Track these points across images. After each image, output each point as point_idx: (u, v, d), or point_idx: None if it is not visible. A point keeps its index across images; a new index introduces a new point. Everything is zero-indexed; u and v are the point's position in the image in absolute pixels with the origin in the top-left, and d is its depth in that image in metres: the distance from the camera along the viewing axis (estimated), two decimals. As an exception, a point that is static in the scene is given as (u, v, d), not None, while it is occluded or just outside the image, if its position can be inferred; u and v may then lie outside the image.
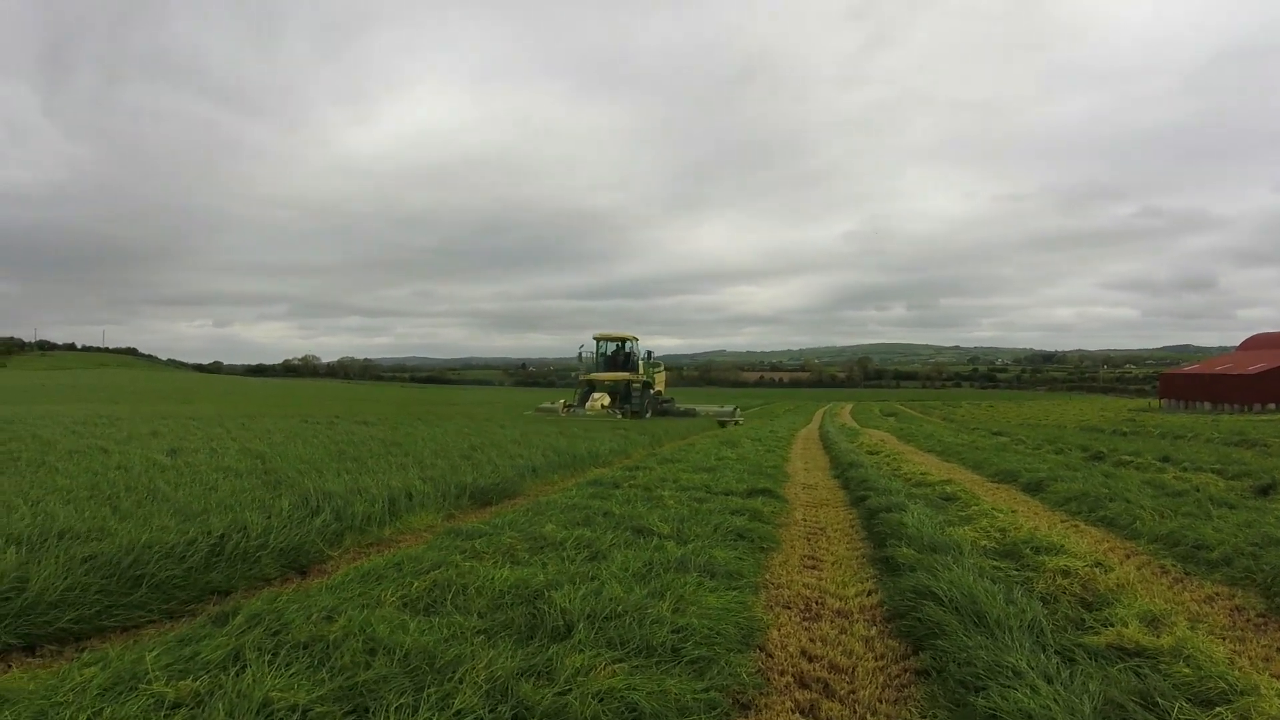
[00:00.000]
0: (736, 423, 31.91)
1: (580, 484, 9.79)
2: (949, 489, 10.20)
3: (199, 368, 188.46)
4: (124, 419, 19.59)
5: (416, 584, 4.77)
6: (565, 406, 31.57)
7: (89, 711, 3.13)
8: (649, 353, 35.40)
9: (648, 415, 31.43)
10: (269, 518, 6.29)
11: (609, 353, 34.51)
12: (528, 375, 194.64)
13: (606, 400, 31.53)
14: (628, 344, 34.54)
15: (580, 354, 35.06)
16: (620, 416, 29.25)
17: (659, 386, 35.94)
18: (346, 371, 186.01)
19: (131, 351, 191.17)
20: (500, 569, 5.14)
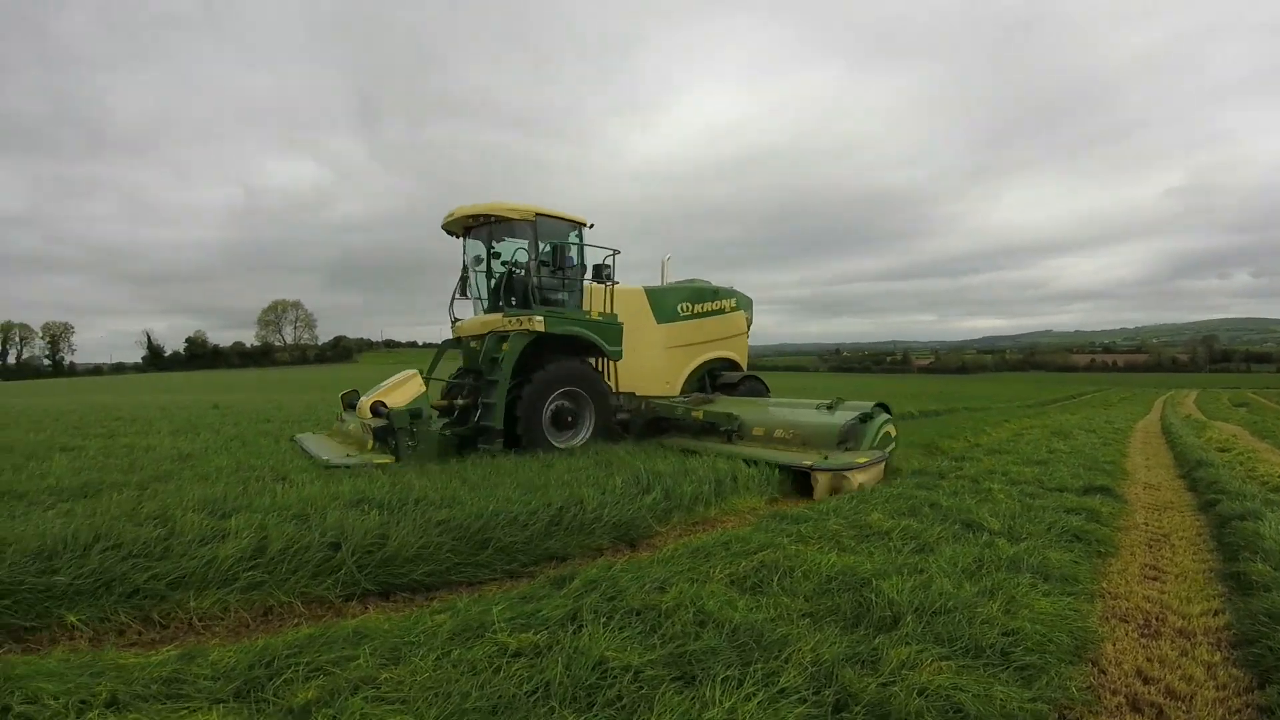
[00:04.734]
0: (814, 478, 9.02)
1: (905, 474, 9.55)
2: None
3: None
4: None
5: (743, 563, 4.92)
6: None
7: (438, 652, 3.62)
8: (613, 256, 11.62)
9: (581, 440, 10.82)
10: (603, 493, 6.78)
11: (481, 256, 11.54)
12: (842, 361, 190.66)
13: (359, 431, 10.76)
14: (516, 224, 11.00)
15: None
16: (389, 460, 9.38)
17: (732, 355, 14.81)
18: None
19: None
20: (826, 554, 5.17)
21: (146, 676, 3.35)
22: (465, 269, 11.80)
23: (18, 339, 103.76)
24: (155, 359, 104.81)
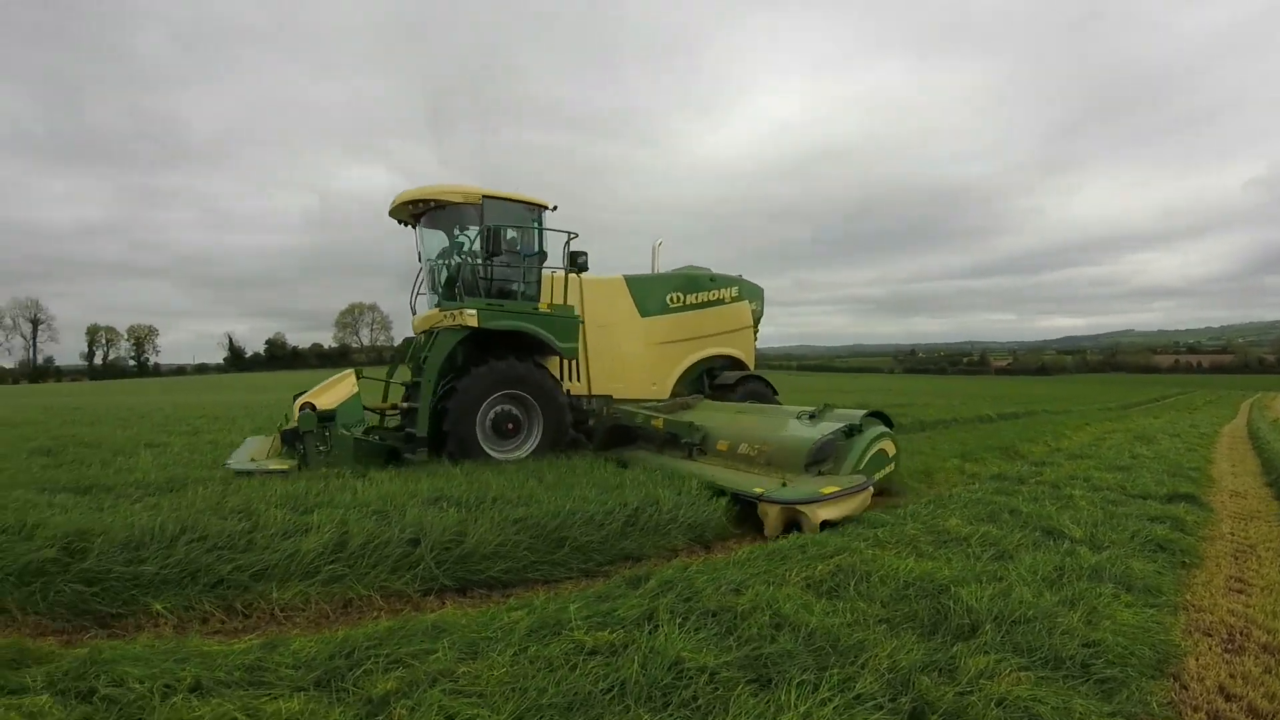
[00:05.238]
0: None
1: (984, 479, 9.34)
2: None
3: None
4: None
5: (819, 567, 4.87)
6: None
7: (515, 648, 3.66)
8: (571, 239, 10.60)
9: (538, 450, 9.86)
10: (679, 494, 6.81)
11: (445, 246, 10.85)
12: (917, 362, 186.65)
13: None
14: (461, 208, 10.17)
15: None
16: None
17: (734, 352, 13.15)
18: None
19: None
20: (904, 559, 5.10)
21: (229, 664, 3.46)
22: (420, 259, 10.86)
23: (104, 341, 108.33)
24: (236, 360, 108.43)
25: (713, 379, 12.93)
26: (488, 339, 9.83)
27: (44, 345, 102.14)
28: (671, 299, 12.44)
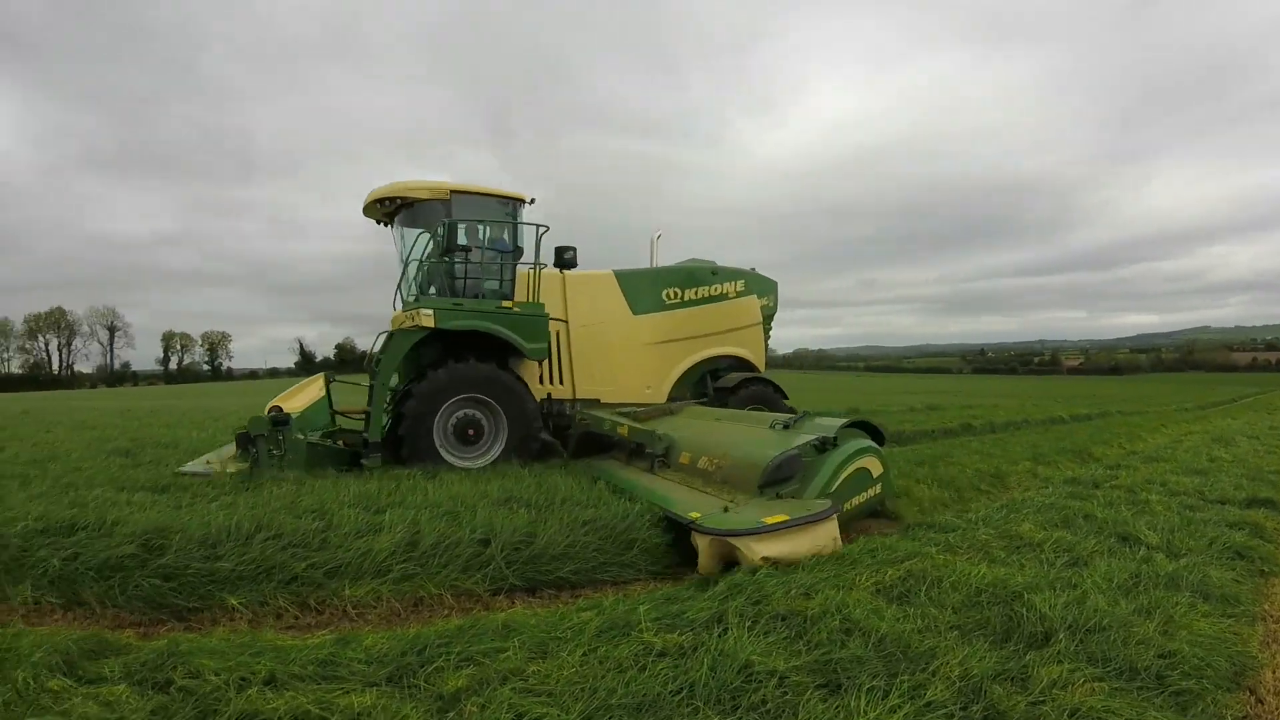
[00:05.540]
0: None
1: (1057, 482, 9.12)
2: None
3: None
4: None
5: (890, 571, 4.82)
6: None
7: (585, 648, 3.69)
8: (543, 233, 9.97)
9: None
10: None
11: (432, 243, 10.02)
12: (986, 362, 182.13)
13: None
14: (430, 204, 9.87)
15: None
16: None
17: (740, 352, 12.24)
18: (801, 362, 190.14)
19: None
20: (976, 565, 5.00)
21: (303, 658, 3.55)
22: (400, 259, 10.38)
23: (179, 347, 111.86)
24: (307, 363, 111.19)
25: (716, 381, 12.02)
26: (459, 341, 9.40)
27: (121, 351, 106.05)
28: (668, 295, 11.61)
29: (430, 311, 9.13)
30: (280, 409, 8.93)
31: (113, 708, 3.08)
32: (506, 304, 9.70)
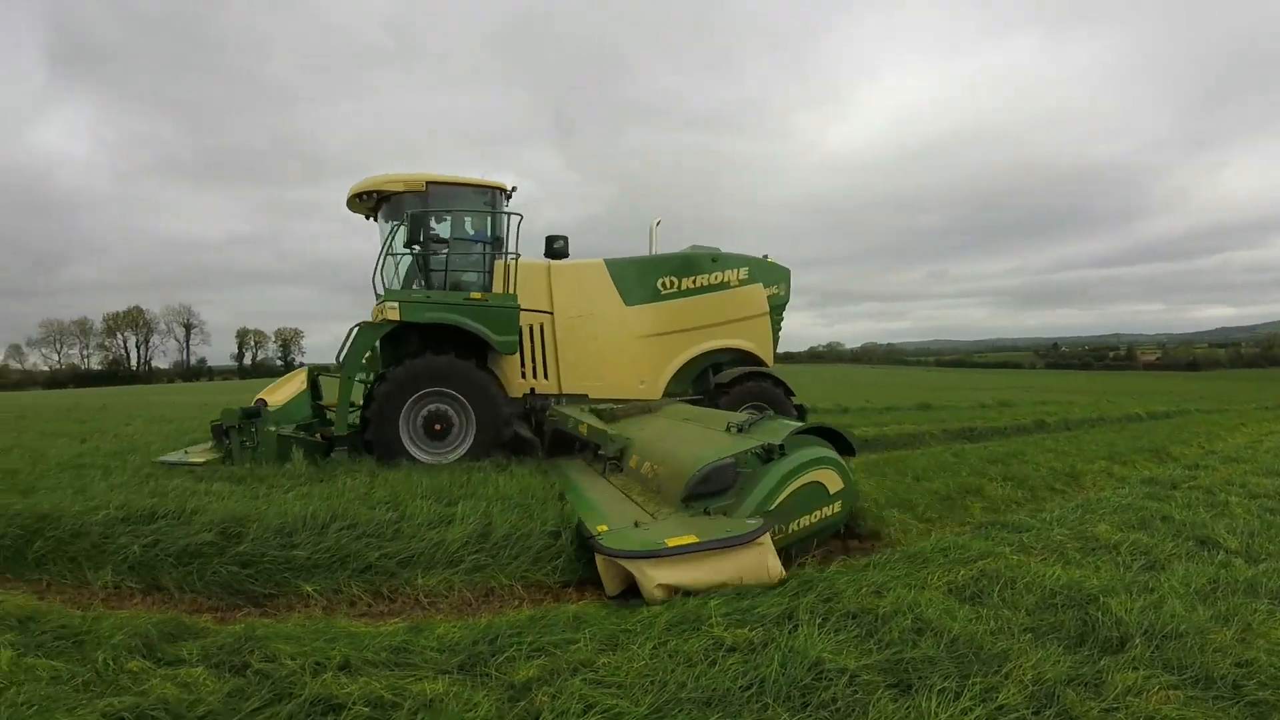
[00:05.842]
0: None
1: (1133, 482, 8.88)
2: None
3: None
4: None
5: (962, 571, 4.76)
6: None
7: (655, 642, 3.73)
8: (518, 221, 9.86)
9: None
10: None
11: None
12: (1060, 357, 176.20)
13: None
14: (407, 197, 9.73)
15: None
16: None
17: (744, 344, 11.35)
18: (870, 357, 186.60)
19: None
20: (1050, 567, 4.91)
21: (377, 645, 3.66)
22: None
23: (253, 343, 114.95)
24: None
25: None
26: (438, 335, 9.29)
27: (196, 347, 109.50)
28: (664, 284, 10.83)
29: (395, 305, 9.02)
30: (265, 401, 9.07)
31: (190, 689, 3.19)
32: (476, 296, 9.47)
